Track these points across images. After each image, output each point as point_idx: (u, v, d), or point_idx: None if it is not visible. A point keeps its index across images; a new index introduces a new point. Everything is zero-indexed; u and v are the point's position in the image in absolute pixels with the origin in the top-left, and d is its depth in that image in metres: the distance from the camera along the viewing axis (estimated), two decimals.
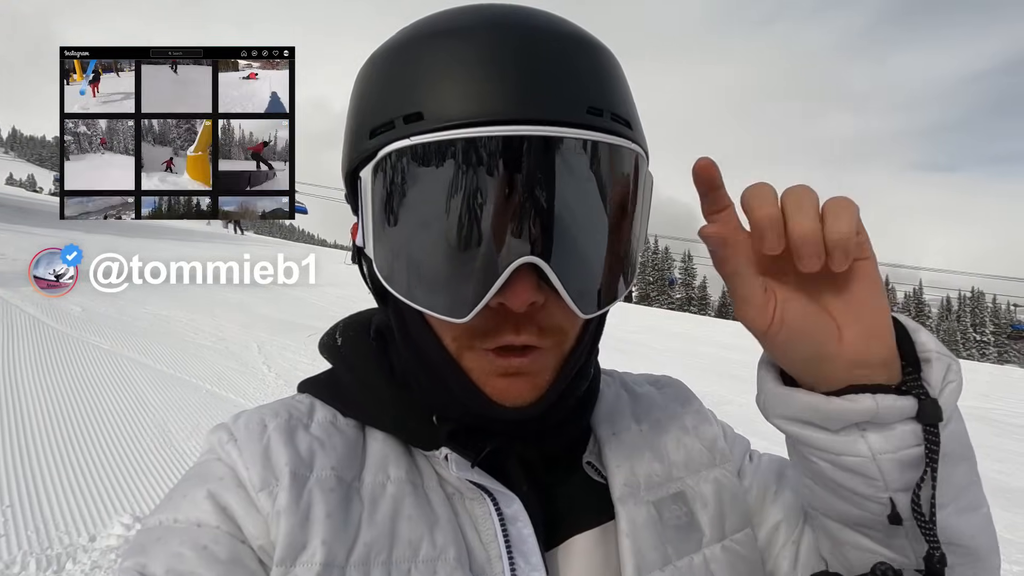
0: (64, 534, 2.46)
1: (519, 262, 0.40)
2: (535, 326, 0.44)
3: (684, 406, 0.62)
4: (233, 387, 4.55)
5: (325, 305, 9.16)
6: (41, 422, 3.52)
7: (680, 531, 0.51)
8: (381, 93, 0.45)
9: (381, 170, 0.42)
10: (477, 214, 0.40)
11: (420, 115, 0.41)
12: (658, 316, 18.11)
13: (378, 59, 0.47)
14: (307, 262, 5.10)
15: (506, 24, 0.43)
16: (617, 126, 0.44)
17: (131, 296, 7.59)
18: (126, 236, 16.25)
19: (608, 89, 0.44)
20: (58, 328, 5.60)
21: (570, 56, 0.43)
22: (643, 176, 0.46)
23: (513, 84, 0.41)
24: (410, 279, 0.43)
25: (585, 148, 0.41)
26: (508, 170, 0.40)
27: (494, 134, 0.39)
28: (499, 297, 0.41)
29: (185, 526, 0.43)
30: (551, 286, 0.41)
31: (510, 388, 0.45)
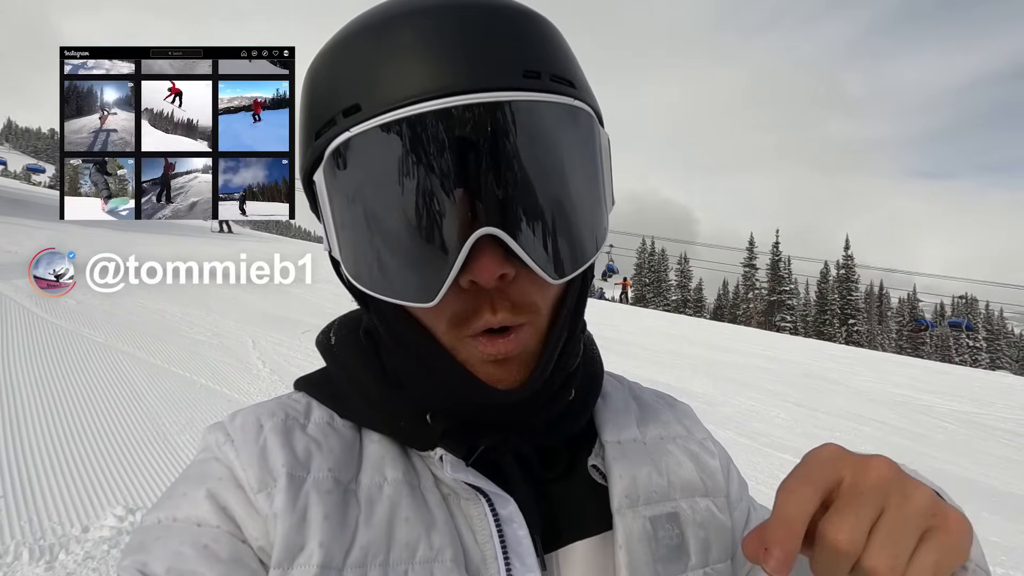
0: (57, 525, 2.47)
1: (476, 235, 0.39)
2: (508, 302, 0.43)
3: (691, 431, 0.62)
4: (227, 382, 4.55)
5: (319, 301, 9.15)
6: (35, 414, 3.52)
7: (671, 551, 0.51)
8: (320, 95, 0.45)
9: (329, 168, 0.43)
10: (426, 194, 0.40)
11: (357, 107, 0.41)
12: (653, 317, 18.15)
13: (314, 63, 0.47)
14: (303, 262, 5.08)
15: (431, 5, 0.43)
16: (558, 86, 0.43)
17: (126, 290, 7.56)
18: (120, 231, 16.17)
19: (544, 52, 0.44)
20: (53, 321, 5.58)
21: (501, 26, 0.43)
22: (594, 132, 0.46)
23: (444, 59, 0.40)
24: (375, 272, 0.43)
25: (524, 110, 0.41)
26: (448, 144, 0.39)
27: (427, 109, 0.39)
28: (467, 275, 0.41)
29: (185, 525, 0.43)
30: (518, 257, 0.41)
31: (500, 373, 0.45)
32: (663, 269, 60.23)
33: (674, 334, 13.02)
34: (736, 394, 6.84)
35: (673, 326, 15.39)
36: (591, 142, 0.45)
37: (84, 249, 10.72)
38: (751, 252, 54.88)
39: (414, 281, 0.42)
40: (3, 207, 15.89)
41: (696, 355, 9.95)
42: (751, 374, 8.56)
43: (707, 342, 12.43)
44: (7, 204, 16.97)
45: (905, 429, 6.53)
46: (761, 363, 10.01)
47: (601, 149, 0.47)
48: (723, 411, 5.92)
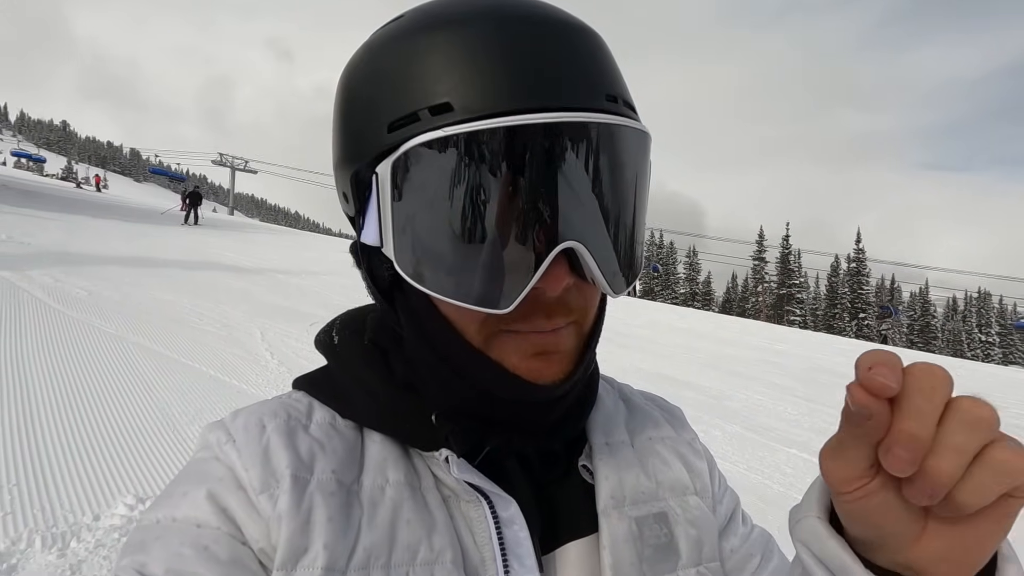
0: (69, 513, 2.50)
1: (561, 247, 0.41)
2: (564, 308, 0.45)
3: (680, 433, 0.63)
4: (236, 373, 4.58)
5: (328, 293, 9.20)
6: (47, 404, 3.56)
7: (659, 551, 0.51)
8: (395, 84, 0.44)
9: (406, 164, 0.42)
10: (514, 204, 0.40)
11: (449, 106, 0.41)
12: (662, 311, 18.09)
13: (381, 48, 0.46)
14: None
15: (516, 14, 0.44)
16: (628, 111, 0.45)
17: (135, 281, 7.64)
18: (130, 222, 16.29)
19: (616, 77, 0.46)
20: (64, 311, 5.64)
21: (584, 47, 0.45)
22: (649, 160, 0.48)
23: (540, 73, 0.41)
24: (442, 275, 0.43)
25: (611, 133, 0.43)
26: (542, 159, 0.40)
27: (530, 122, 0.39)
28: (536, 283, 0.42)
29: (184, 526, 0.43)
30: (579, 268, 0.43)
31: (545, 367, 0.46)
32: (671, 262, 59.97)
33: (682, 327, 12.97)
34: (744, 388, 6.81)
35: (681, 319, 15.33)
36: (648, 168, 0.48)
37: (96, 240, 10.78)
38: (760, 245, 54.49)
39: (487, 288, 0.42)
40: (16, 199, 16.06)
41: (704, 349, 9.92)
42: (759, 368, 8.51)
43: (715, 336, 12.38)
44: (18, 196, 17.14)
45: None
46: (769, 357, 9.96)
47: (650, 174, 0.49)
48: (730, 405, 5.90)
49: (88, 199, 23.32)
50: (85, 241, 10.70)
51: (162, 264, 9.55)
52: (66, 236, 10.91)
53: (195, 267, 9.87)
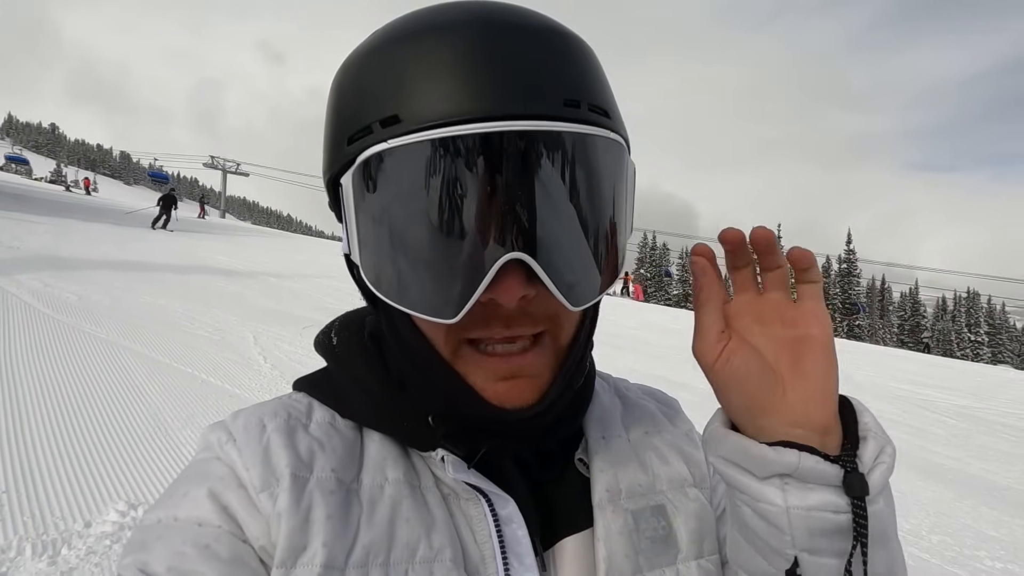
0: (59, 520, 2.48)
1: (504, 259, 0.40)
2: (527, 317, 0.44)
3: (676, 425, 0.63)
4: (229, 377, 4.55)
5: (320, 296, 9.16)
6: (37, 409, 3.53)
7: (656, 543, 0.52)
8: (356, 99, 0.45)
9: (361, 175, 0.43)
10: (459, 213, 0.40)
11: (396, 118, 0.41)
12: (655, 312, 18.13)
13: (351, 65, 0.47)
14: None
15: (477, 20, 0.43)
16: (595, 116, 0.44)
17: (126, 285, 7.58)
18: (118, 226, 16.16)
19: (584, 80, 0.44)
20: (54, 316, 5.59)
21: (543, 49, 0.43)
22: (624, 165, 0.46)
23: (487, 81, 0.41)
24: (396, 283, 0.43)
25: (564, 140, 0.41)
26: (487, 167, 0.40)
27: (470, 132, 0.39)
28: (489, 293, 0.41)
29: (186, 524, 0.43)
30: (539, 278, 0.42)
31: (511, 391, 0.45)
32: (664, 263, 60.10)
33: (676, 328, 13.00)
34: None
35: (675, 320, 15.37)
36: (620, 174, 0.46)
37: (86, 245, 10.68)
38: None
39: (436, 297, 0.42)
40: (4, 202, 15.90)
41: None
42: None
43: None
44: (7, 199, 16.97)
45: (905, 423, 6.53)
46: None
47: (628, 180, 0.47)
48: None
49: (78, 202, 23.11)
50: (75, 245, 10.60)
51: (153, 268, 9.48)
52: (56, 240, 10.80)
53: (187, 271, 9.80)
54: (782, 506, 0.41)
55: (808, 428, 0.41)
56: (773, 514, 0.41)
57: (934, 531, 3.60)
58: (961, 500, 4.24)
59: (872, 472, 0.40)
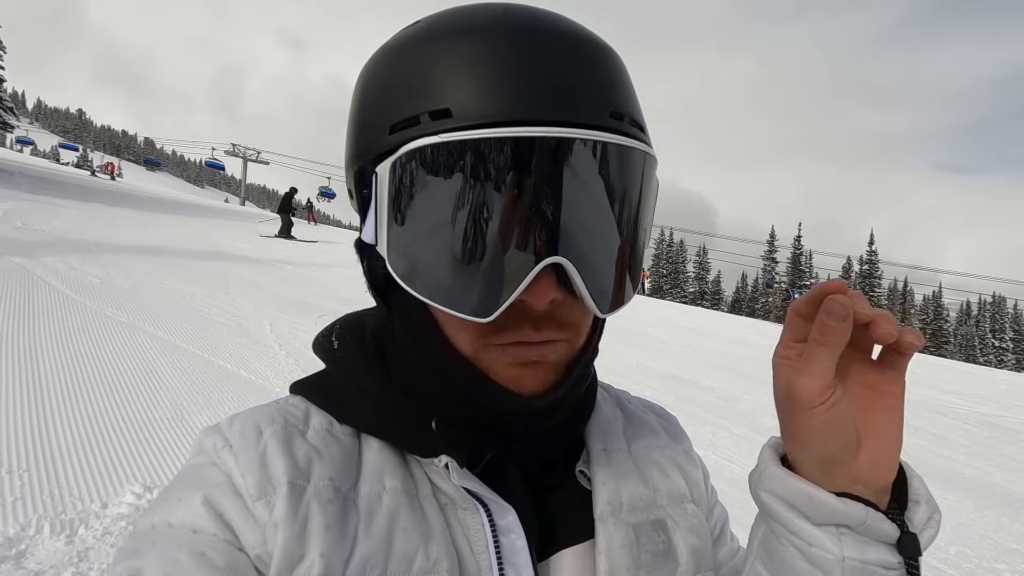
0: (77, 500, 2.53)
1: (546, 262, 0.40)
2: (555, 322, 0.44)
3: (676, 443, 0.63)
4: (245, 364, 4.61)
5: (336, 285, 9.23)
6: (58, 391, 3.60)
7: (656, 558, 0.52)
8: (401, 87, 0.44)
9: (403, 166, 0.42)
10: (504, 215, 0.40)
11: (448, 112, 0.41)
12: (671, 309, 18.00)
13: (394, 52, 0.46)
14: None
15: (528, 26, 0.43)
16: (635, 130, 0.45)
17: (148, 270, 7.71)
18: (143, 210, 16.43)
19: (625, 94, 0.45)
20: (76, 299, 5.70)
21: (592, 61, 0.44)
22: (654, 180, 0.47)
23: (541, 86, 0.41)
24: (429, 278, 0.43)
25: (610, 151, 0.42)
26: (535, 172, 0.39)
27: (525, 135, 0.39)
28: (522, 295, 0.41)
29: (181, 531, 0.43)
30: (569, 284, 0.42)
31: (530, 376, 0.46)
32: (681, 260, 59.66)
33: (691, 327, 12.90)
34: (752, 390, 6.75)
35: (690, 318, 15.25)
36: (652, 189, 0.47)
37: (109, 229, 10.88)
38: (771, 245, 54.02)
39: (472, 296, 0.42)
40: (32, 186, 16.25)
41: (713, 348, 9.86)
42: (768, 370, 8.42)
43: (724, 336, 12.30)
44: (35, 183, 17.34)
45: (924, 430, 6.40)
46: None
47: (655, 194, 0.48)
48: (739, 407, 5.86)
49: (103, 187, 23.55)
50: (99, 229, 10.81)
51: (174, 253, 9.63)
52: (80, 224, 11.02)
53: (206, 257, 9.94)
54: (838, 555, 0.41)
55: (869, 486, 0.42)
56: (826, 561, 0.41)
57: (952, 542, 3.52)
58: (981, 511, 4.14)
59: (922, 534, 0.42)
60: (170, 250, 9.92)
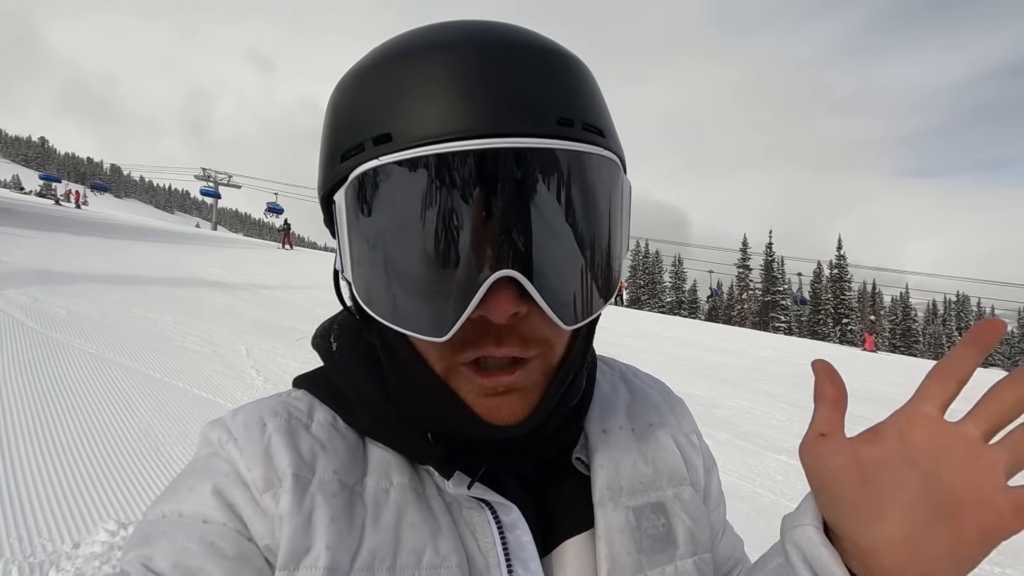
0: (47, 541, 2.42)
1: (495, 276, 0.40)
2: (517, 337, 0.43)
3: (680, 422, 0.63)
4: (221, 392, 4.50)
5: (312, 308, 9.11)
6: (24, 427, 3.47)
7: (656, 541, 0.52)
8: (350, 117, 0.45)
9: (353, 193, 0.42)
10: (450, 231, 0.40)
11: (388, 136, 0.41)
12: (649, 320, 18.16)
13: (346, 83, 0.47)
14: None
15: (471, 40, 0.43)
16: (589, 135, 0.43)
17: (117, 299, 7.51)
18: (111, 238, 16.05)
19: (578, 99, 0.44)
20: (43, 332, 5.52)
21: (539, 69, 0.43)
22: (619, 183, 0.46)
23: (479, 99, 0.40)
24: (388, 300, 0.43)
25: (556, 158, 0.41)
26: (477, 185, 0.39)
27: (460, 148, 0.39)
28: (480, 310, 0.41)
29: (191, 521, 0.43)
30: (531, 296, 0.41)
31: (501, 407, 0.45)
32: (657, 271, 60.36)
33: (669, 336, 13.03)
34: (732, 396, 6.84)
35: (668, 328, 15.41)
36: (615, 192, 0.46)
37: (75, 258, 10.59)
38: (744, 253, 55.09)
39: (428, 315, 0.42)
40: None
41: (692, 357, 9.96)
42: (746, 375, 8.57)
43: (702, 344, 12.45)
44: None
45: None
46: (756, 364, 10.03)
47: (623, 199, 0.47)
48: (719, 413, 5.92)
49: (67, 216, 22.95)
50: (64, 259, 10.51)
51: (144, 281, 9.40)
52: (45, 254, 10.71)
53: (178, 283, 9.73)
54: None
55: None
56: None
57: None
58: None
59: None
60: (140, 278, 9.69)
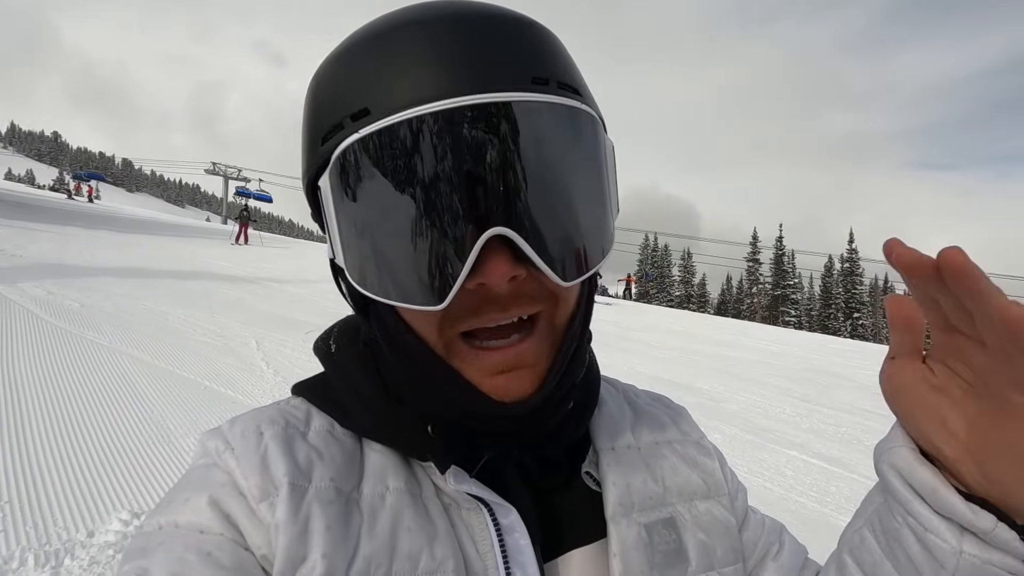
0: (62, 530, 2.46)
1: (487, 235, 0.39)
2: (521, 298, 0.43)
3: (686, 434, 0.62)
4: (231, 384, 4.54)
5: (322, 301, 9.16)
6: (39, 418, 3.52)
7: (668, 557, 0.51)
8: (328, 100, 0.45)
9: (337, 173, 0.42)
10: (434, 196, 0.39)
11: (366, 111, 0.41)
12: (658, 313, 18.11)
13: (320, 71, 0.47)
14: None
15: (444, 13, 0.43)
16: (565, 92, 0.43)
17: (128, 292, 7.59)
18: (119, 232, 16.20)
19: (551, 60, 0.44)
20: (56, 324, 5.59)
21: (510, 34, 0.43)
22: (600, 138, 0.46)
23: (455, 65, 0.40)
24: (380, 276, 0.43)
25: (533, 110, 0.41)
26: (459, 144, 0.39)
27: (440, 108, 0.39)
28: (477, 277, 0.40)
29: (188, 531, 0.43)
30: (528, 258, 0.41)
31: (509, 383, 0.45)
32: (666, 265, 60.09)
33: (678, 330, 12.97)
34: (741, 390, 6.81)
35: (677, 322, 15.34)
36: (597, 147, 0.45)
37: (88, 252, 10.71)
38: (754, 247, 54.69)
39: (423, 283, 0.41)
40: (7, 210, 15.94)
41: (701, 351, 9.92)
42: (756, 370, 8.52)
43: (711, 338, 12.39)
44: (10, 207, 17.02)
45: None
46: (766, 358, 9.97)
47: (607, 155, 0.46)
48: (729, 408, 5.90)
49: (80, 210, 23.19)
50: (77, 252, 10.63)
51: (155, 274, 9.49)
52: (58, 248, 10.83)
53: (189, 277, 9.82)
54: (955, 547, 0.38)
55: (1013, 498, 0.37)
56: (941, 550, 0.38)
57: None
58: None
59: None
60: (151, 271, 9.78)
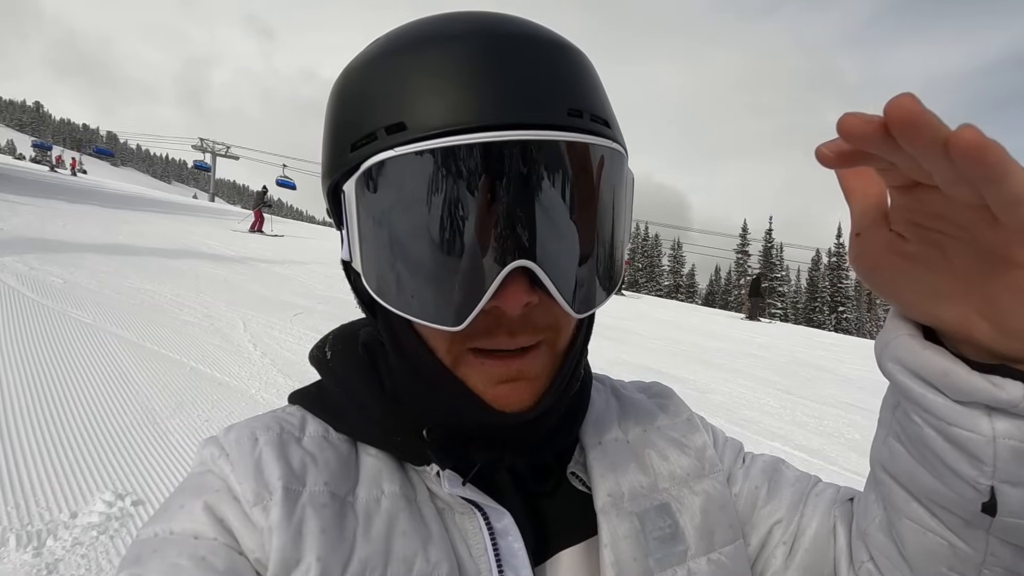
0: (45, 510, 2.44)
1: (511, 267, 0.40)
2: (530, 326, 0.44)
3: (673, 416, 0.63)
4: (218, 365, 4.50)
5: (311, 283, 9.09)
6: (20, 397, 3.47)
7: (663, 543, 0.52)
8: (360, 105, 0.45)
9: (364, 182, 0.42)
10: (465, 222, 0.40)
11: (402, 125, 0.41)
12: (647, 303, 18.22)
13: (354, 71, 0.46)
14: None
15: (483, 31, 0.43)
16: (596, 126, 0.44)
17: (113, 269, 7.47)
18: (106, 207, 15.92)
19: (586, 91, 0.45)
20: (38, 300, 5.50)
21: (547, 60, 0.43)
22: (625, 174, 0.47)
23: (493, 90, 0.41)
24: (400, 290, 0.43)
25: (568, 149, 0.42)
26: (492, 176, 0.40)
27: (476, 141, 0.39)
28: (493, 301, 0.41)
29: (182, 538, 0.43)
30: (543, 287, 0.42)
31: (511, 394, 0.46)
32: (656, 254, 60.39)
33: (666, 320, 13.07)
34: (727, 381, 6.88)
35: (666, 312, 15.45)
36: (621, 184, 0.47)
37: (72, 226, 10.52)
38: (744, 239, 55.07)
39: (442, 305, 0.42)
40: None
41: (688, 341, 10.01)
42: (741, 361, 8.62)
43: (699, 328, 12.51)
44: None
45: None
46: (752, 350, 10.09)
47: (628, 189, 0.48)
48: (714, 399, 5.96)
49: (64, 183, 22.72)
50: (60, 227, 10.43)
51: (141, 252, 9.35)
52: (41, 222, 10.62)
53: (176, 255, 9.68)
54: (987, 434, 0.33)
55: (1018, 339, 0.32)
56: (973, 442, 0.34)
57: None
58: None
59: None
60: (137, 248, 9.63)
